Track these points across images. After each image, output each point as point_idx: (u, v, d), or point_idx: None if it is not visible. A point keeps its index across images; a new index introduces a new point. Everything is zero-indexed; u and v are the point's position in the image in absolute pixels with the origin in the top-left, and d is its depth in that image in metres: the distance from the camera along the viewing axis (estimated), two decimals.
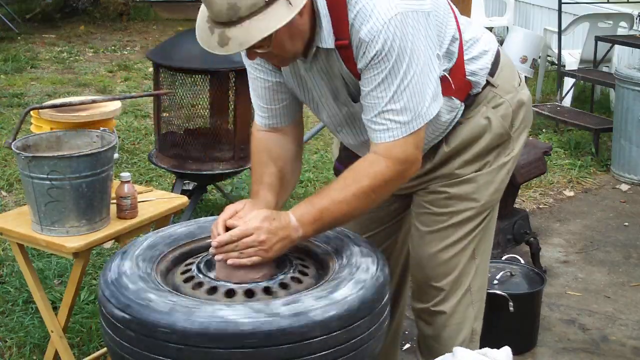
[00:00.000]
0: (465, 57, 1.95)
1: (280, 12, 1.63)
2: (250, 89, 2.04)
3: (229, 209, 1.82)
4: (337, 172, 2.20)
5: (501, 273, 3.05)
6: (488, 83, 2.01)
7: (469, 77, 1.97)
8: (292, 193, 2.04)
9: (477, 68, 1.98)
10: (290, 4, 1.63)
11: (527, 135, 2.15)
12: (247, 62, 1.95)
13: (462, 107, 1.99)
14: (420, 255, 2.12)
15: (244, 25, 1.62)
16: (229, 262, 1.75)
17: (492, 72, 2.01)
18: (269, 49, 1.71)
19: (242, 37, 1.63)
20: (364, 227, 2.20)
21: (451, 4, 1.96)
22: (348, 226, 2.03)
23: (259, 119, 2.04)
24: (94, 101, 2.70)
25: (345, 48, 1.77)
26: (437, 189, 2.07)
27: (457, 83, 1.94)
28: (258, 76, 1.99)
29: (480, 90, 2.00)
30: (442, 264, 2.09)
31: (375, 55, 1.72)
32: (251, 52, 1.73)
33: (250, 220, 1.75)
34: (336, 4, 1.73)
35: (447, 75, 1.91)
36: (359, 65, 1.77)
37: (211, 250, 1.79)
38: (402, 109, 1.75)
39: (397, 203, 2.22)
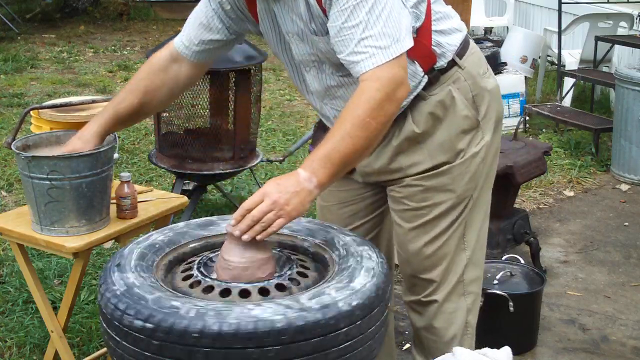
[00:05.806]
0: (434, 27, 1.96)
1: None
2: (193, 14, 2.08)
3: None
4: None
5: (501, 273, 3.05)
6: (455, 63, 2.01)
7: (434, 47, 1.96)
8: None
9: (444, 42, 1.98)
10: None
11: (501, 129, 2.13)
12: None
13: (425, 79, 1.98)
14: (407, 252, 2.13)
15: None
16: (258, 237, 1.68)
17: (460, 54, 2.01)
18: None
19: None
20: (344, 221, 2.20)
21: None
22: (327, 221, 2.06)
23: (181, 42, 2.08)
24: (94, 101, 2.69)
25: None
26: (411, 182, 2.06)
27: (421, 49, 1.93)
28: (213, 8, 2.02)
29: (444, 65, 1.99)
30: (428, 257, 2.10)
31: None
32: None
33: (257, 192, 1.70)
34: None
35: (414, 36, 1.90)
36: (326, 1, 1.77)
37: (229, 228, 1.71)
38: (381, 34, 1.74)
39: (370, 194, 2.21)
